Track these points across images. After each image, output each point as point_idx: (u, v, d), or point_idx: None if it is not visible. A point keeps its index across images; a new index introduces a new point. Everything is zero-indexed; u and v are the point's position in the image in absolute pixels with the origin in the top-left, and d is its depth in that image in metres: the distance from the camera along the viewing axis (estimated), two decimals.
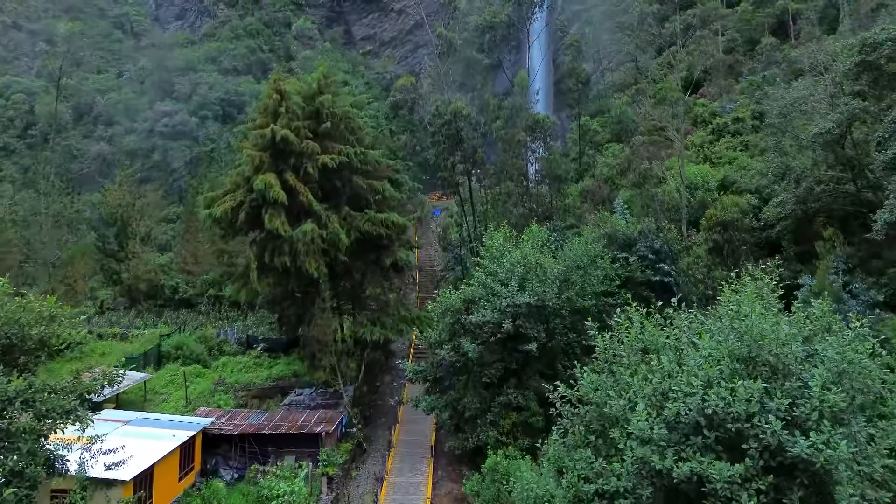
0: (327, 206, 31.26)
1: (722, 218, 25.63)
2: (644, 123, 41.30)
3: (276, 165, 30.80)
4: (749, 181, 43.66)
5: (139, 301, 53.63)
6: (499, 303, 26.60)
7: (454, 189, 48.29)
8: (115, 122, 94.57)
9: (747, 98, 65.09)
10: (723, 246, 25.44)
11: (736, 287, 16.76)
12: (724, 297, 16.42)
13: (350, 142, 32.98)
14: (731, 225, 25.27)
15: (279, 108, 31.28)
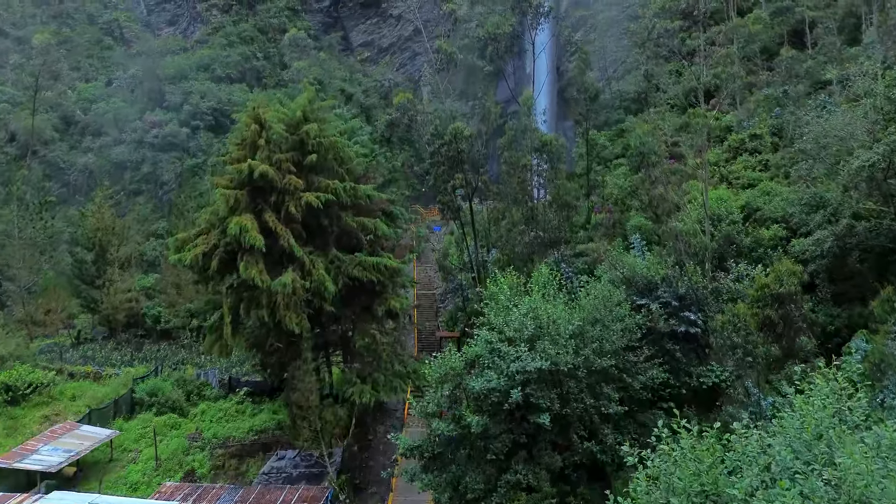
0: (312, 249, 27.93)
1: (777, 291, 22.22)
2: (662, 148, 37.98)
3: (254, 204, 27.47)
4: (774, 209, 40.31)
5: (118, 331, 50.40)
6: (506, 366, 23.23)
7: (455, 214, 44.95)
8: (103, 133, 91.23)
9: (764, 111, 61.79)
10: (777, 323, 22.11)
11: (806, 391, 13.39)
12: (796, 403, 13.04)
13: (339, 174, 29.65)
14: (788, 299, 21.88)
15: (258, 140, 27.95)
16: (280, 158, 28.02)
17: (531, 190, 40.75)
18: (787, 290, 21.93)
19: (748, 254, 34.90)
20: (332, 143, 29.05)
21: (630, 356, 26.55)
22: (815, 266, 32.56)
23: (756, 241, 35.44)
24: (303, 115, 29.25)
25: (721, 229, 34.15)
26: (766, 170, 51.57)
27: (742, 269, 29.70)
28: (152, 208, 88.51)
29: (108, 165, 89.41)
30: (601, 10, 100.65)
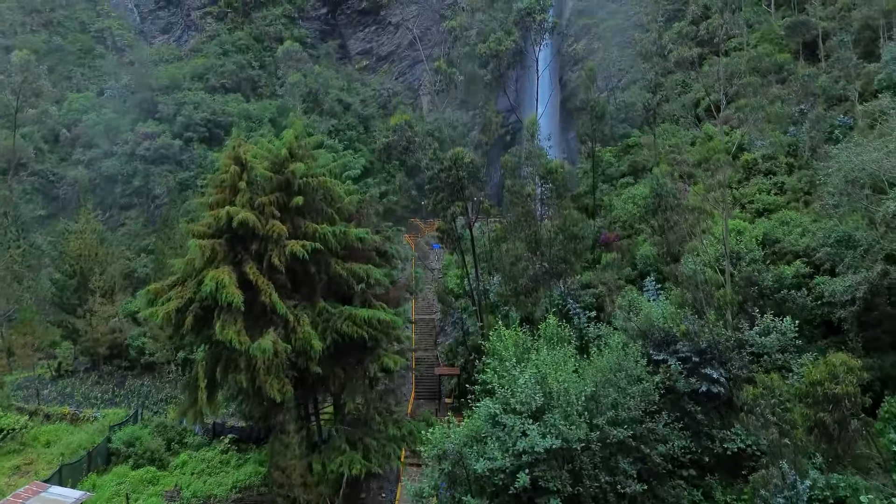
0: (298, 300, 25.51)
1: (833, 391, 19.71)
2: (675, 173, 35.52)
3: (233, 254, 25.06)
4: (794, 242, 37.86)
5: (100, 363, 47.97)
6: (511, 443, 20.81)
7: (455, 244, 42.52)
8: (94, 145, 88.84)
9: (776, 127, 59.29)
10: (830, 426, 19.64)
11: None
12: None
13: (328, 215, 27.24)
14: (845, 401, 19.35)
15: (238, 183, 25.52)
16: (263, 202, 25.62)
17: (536, 221, 38.29)
18: (845, 391, 19.26)
19: (770, 295, 32.45)
20: (321, 182, 26.63)
21: (648, 422, 24.11)
22: (845, 312, 30.13)
23: (778, 280, 32.97)
24: (288, 153, 26.82)
25: (741, 269, 31.68)
26: (782, 193, 49.11)
27: (768, 321, 27.22)
28: (144, 222, 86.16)
29: (99, 178, 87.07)
30: (605, 18, 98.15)
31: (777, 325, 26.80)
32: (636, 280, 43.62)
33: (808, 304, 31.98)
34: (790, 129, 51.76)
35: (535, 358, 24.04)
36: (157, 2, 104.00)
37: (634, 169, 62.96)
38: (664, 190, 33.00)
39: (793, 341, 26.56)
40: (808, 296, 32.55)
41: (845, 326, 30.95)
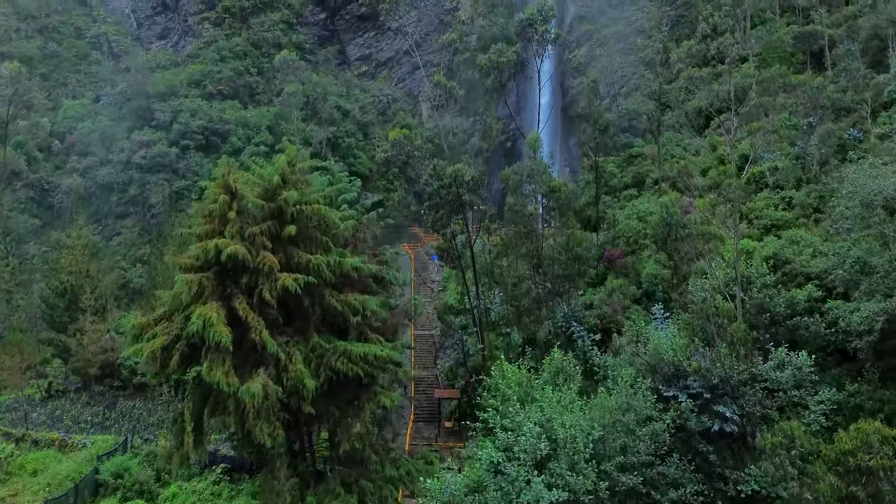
0: (291, 335, 24.33)
1: (866, 463, 18.51)
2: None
3: (222, 288, 23.90)
4: (805, 263, 36.65)
5: (92, 382, 46.78)
6: (515, 495, 19.62)
7: (455, 262, 41.35)
8: (89, 153, 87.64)
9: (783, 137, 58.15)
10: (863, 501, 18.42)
11: None
12: None
13: (322, 244, 26.06)
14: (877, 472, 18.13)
15: (228, 213, 24.34)
16: (254, 231, 24.46)
17: (539, 240, 37.09)
18: (880, 464, 17.96)
19: (782, 322, 31.27)
20: (315, 210, 25.45)
21: (659, 465, 22.92)
22: (861, 343, 28.95)
23: (790, 306, 31.76)
24: (281, 180, 25.63)
25: (752, 295, 30.49)
26: (790, 208, 47.95)
27: (783, 354, 26.02)
28: (139, 232, 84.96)
29: (94, 187, 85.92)
30: (607, 24, 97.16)
31: (792, 360, 25.60)
32: (641, 299, 42.48)
33: (822, 331, 30.80)
34: (798, 142, 50.57)
35: (539, 397, 22.86)
36: (154, 7, 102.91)
37: (638, 180, 61.88)
38: (674, 220, 31.82)
39: (809, 376, 25.39)
40: (821, 322, 31.38)
41: (861, 356, 29.81)
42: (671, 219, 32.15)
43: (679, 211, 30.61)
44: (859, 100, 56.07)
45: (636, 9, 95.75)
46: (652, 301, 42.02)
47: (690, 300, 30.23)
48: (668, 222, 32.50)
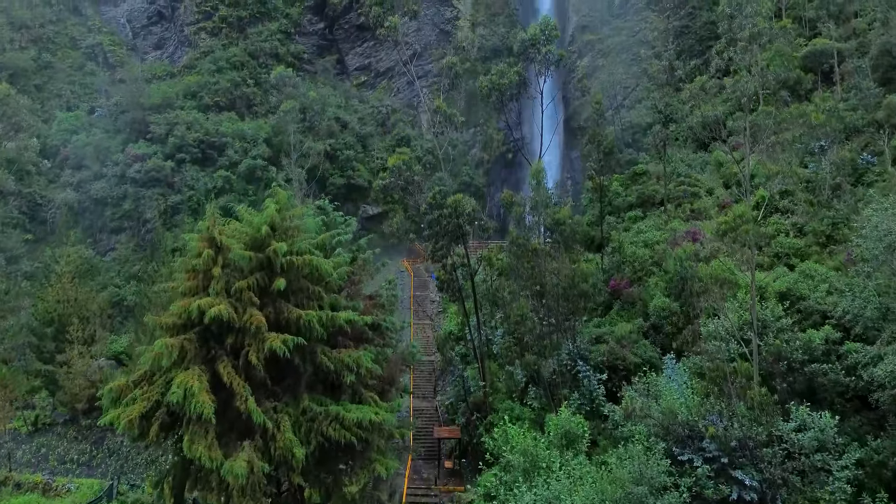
0: (279, 396, 22.80)
1: None
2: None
3: (206, 349, 22.41)
4: (821, 300, 35.09)
5: (79, 416, 45.30)
6: None
7: (456, 295, 39.84)
8: (83, 166, 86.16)
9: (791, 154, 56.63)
10: None
11: None
12: None
13: (314, 294, 24.54)
14: None
15: (213, 269, 22.82)
16: (241, 287, 22.98)
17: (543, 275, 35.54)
18: None
19: (800, 368, 29.73)
20: (306, 261, 23.95)
21: None
22: (884, 395, 27.42)
23: (807, 351, 30.21)
24: (270, 229, 24.13)
25: (768, 341, 28.96)
26: (802, 234, 46.46)
27: (804, 414, 24.49)
28: (134, 247, 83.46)
29: (88, 201, 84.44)
30: (609, 34, 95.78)
31: (815, 421, 24.06)
32: (649, 332, 40.99)
33: (842, 379, 29.28)
34: (809, 163, 49.03)
35: (545, 467, 21.32)
36: (150, 17, 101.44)
37: (643, 200, 60.36)
38: (689, 273, 30.29)
39: (833, 439, 23.86)
40: (840, 369, 29.86)
41: (883, 407, 28.29)
42: (685, 272, 30.60)
43: (693, 265, 29.04)
44: (871, 119, 54.57)
45: (639, 19, 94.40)
46: (659, 333, 40.62)
47: (704, 349, 28.69)
48: (683, 276, 30.95)
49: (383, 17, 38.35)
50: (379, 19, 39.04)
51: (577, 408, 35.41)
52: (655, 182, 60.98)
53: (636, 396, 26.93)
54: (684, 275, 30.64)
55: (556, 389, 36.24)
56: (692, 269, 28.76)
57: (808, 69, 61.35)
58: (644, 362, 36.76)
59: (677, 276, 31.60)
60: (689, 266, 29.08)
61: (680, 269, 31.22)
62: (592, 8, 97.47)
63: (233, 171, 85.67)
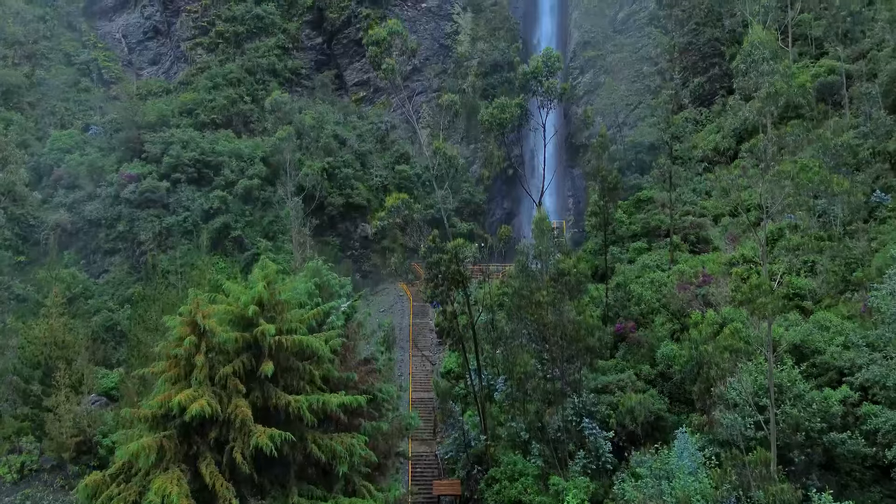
0: (265, 496, 21.31)
1: None
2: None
3: (188, 445, 20.95)
4: (836, 355, 33.65)
5: (67, 462, 43.80)
6: None
7: (457, 344, 38.47)
8: (77, 186, 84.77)
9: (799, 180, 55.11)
10: None
11: None
12: None
13: (305, 374, 23.09)
14: None
15: (196, 356, 21.38)
16: (226, 373, 21.57)
17: (547, 330, 34.19)
18: None
19: (818, 438, 28.31)
20: (296, 341, 22.56)
21: None
22: None
23: (825, 419, 28.77)
24: (258, 306, 22.72)
25: (785, 409, 27.53)
26: (813, 273, 45.02)
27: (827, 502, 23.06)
28: (128, 269, 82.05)
29: (82, 222, 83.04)
30: (612, 50, 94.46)
31: None
32: (656, 380, 39.60)
33: (861, 450, 27.86)
34: (820, 200, 47.57)
35: None
36: (146, 32, 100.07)
37: (647, 230, 58.96)
38: (705, 359, 28.87)
39: None
40: (860, 439, 28.44)
41: None
42: (701, 357, 29.12)
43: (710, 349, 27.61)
44: (881, 149, 53.17)
45: (642, 35, 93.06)
46: (668, 381, 39.24)
47: (717, 420, 27.26)
48: (699, 361, 29.48)
49: (381, 58, 36.91)
50: (376, 60, 37.49)
51: (583, 466, 34.07)
52: (660, 210, 59.56)
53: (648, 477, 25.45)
54: (700, 360, 29.20)
55: (562, 446, 34.83)
56: (709, 355, 27.37)
57: (819, 99, 59.66)
58: (654, 417, 35.39)
59: (692, 360, 30.19)
60: (705, 351, 27.67)
61: (695, 354, 29.81)
62: (594, 24, 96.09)
63: (229, 191, 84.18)
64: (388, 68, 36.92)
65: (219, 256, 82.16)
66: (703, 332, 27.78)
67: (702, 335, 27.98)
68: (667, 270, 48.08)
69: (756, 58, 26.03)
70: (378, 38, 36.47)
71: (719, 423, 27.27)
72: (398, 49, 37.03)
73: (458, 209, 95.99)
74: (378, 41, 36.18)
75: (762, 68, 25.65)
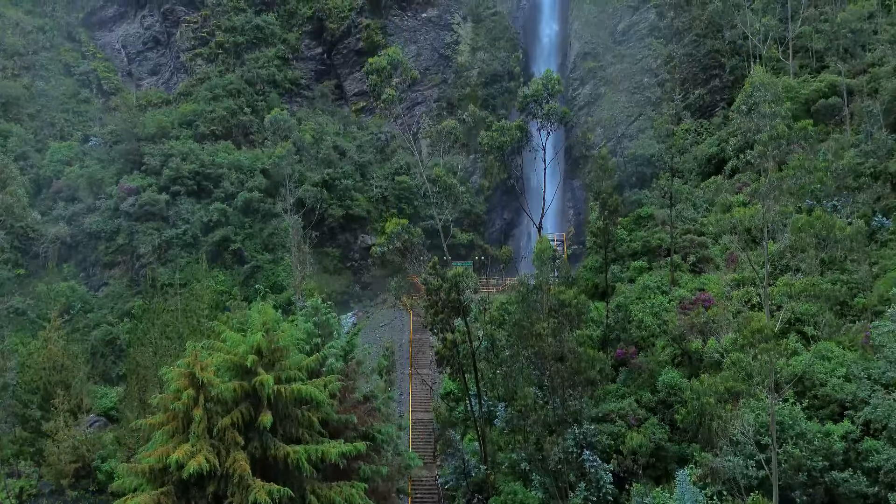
0: None
1: None
2: None
3: (185, 500, 20.77)
4: (837, 388, 33.53)
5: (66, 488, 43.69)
6: None
7: (457, 374, 38.35)
8: (76, 199, 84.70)
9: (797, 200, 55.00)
10: None
11: None
12: None
13: (304, 422, 22.96)
14: None
15: (194, 410, 21.25)
16: (225, 425, 21.44)
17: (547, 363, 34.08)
18: None
19: (819, 477, 28.19)
20: (296, 391, 22.43)
21: None
22: None
23: (827, 457, 28.62)
24: (257, 355, 22.59)
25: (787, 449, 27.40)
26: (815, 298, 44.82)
27: None
28: (128, 283, 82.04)
29: (81, 235, 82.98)
30: (612, 62, 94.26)
31: None
32: (658, 408, 39.46)
33: (864, 489, 27.72)
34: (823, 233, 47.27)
35: None
36: (146, 42, 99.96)
37: (648, 249, 58.76)
38: (707, 411, 28.73)
39: None
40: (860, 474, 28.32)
41: None
42: (703, 408, 29.00)
43: (713, 401, 27.42)
44: (882, 169, 53.01)
45: (642, 46, 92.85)
46: (669, 409, 39.11)
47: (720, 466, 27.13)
48: (700, 411, 29.38)
49: (381, 88, 36.80)
50: (376, 90, 37.38)
51: (584, 498, 33.96)
52: (661, 228, 59.39)
53: None
54: (701, 411, 29.08)
55: (562, 476, 34.70)
56: (712, 407, 27.24)
57: (819, 121, 59.57)
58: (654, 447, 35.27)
59: (694, 411, 30.11)
60: (709, 404, 27.51)
61: (696, 405, 29.68)
62: (595, 34, 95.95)
63: (229, 204, 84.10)
64: (388, 98, 36.81)
65: (218, 269, 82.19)
66: (705, 384, 27.66)
67: (703, 385, 27.88)
68: (668, 293, 47.95)
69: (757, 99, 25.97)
70: (378, 66, 36.35)
71: (720, 468, 27.11)
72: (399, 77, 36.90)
73: (457, 220, 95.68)
74: (378, 70, 36.03)
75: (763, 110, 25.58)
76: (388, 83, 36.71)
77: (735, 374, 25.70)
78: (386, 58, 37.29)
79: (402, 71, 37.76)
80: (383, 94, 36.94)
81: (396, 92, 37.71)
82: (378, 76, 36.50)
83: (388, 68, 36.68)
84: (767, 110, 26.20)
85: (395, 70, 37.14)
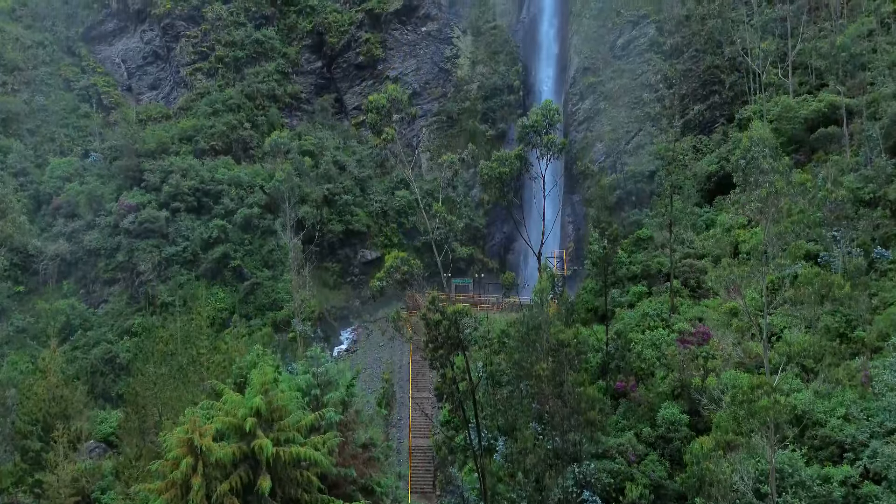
0: None
1: None
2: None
3: None
4: (837, 429, 33.50)
5: None
6: None
7: (456, 411, 38.36)
8: (76, 215, 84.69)
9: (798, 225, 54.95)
10: None
11: None
12: None
13: (302, 482, 22.98)
14: None
15: (192, 478, 21.25)
16: (223, 491, 21.45)
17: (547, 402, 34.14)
18: None
19: None
20: (295, 454, 22.44)
21: None
22: None
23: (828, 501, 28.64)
24: (256, 417, 22.59)
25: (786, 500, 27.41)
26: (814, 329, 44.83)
27: None
28: (127, 300, 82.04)
29: (81, 252, 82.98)
30: (612, 77, 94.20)
31: None
32: (657, 443, 39.45)
33: None
34: (822, 254, 47.34)
35: None
36: (145, 57, 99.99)
37: (647, 273, 58.75)
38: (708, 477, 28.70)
39: None
40: None
41: None
42: (701, 472, 28.99)
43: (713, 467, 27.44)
44: (882, 195, 52.97)
45: (642, 61, 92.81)
46: (668, 444, 39.11)
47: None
48: (699, 476, 29.40)
49: (381, 126, 36.83)
50: (376, 128, 37.42)
51: None
52: (660, 252, 59.39)
53: None
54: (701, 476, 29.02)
55: None
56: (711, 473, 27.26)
57: (817, 148, 59.63)
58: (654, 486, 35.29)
59: (693, 476, 30.11)
60: (708, 469, 27.52)
61: (696, 470, 29.68)
62: (594, 49, 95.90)
63: (229, 220, 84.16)
64: (388, 137, 36.87)
65: (218, 286, 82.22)
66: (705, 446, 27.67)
67: (703, 449, 27.88)
68: (667, 320, 47.99)
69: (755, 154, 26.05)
70: (377, 105, 36.38)
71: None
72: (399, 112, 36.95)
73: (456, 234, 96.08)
74: (377, 108, 36.07)
75: (763, 165, 25.66)
76: (387, 121, 36.75)
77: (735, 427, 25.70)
78: (385, 96, 37.35)
79: (404, 107, 37.79)
80: (383, 134, 37.00)
81: (396, 129, 37.63)
82: (377, 114, 36.52)
83: (387, 106, 36.75)
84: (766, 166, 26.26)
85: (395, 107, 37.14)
